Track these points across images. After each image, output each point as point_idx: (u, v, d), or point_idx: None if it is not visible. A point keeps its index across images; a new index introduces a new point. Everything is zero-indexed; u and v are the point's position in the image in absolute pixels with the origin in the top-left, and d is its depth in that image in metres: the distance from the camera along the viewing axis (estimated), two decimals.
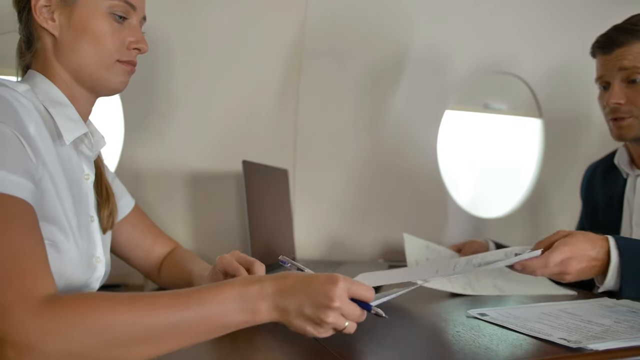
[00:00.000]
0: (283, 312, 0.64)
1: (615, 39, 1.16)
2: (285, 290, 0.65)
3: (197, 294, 0.62)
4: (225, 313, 0.62)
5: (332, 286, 0.64)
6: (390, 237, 1.73)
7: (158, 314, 0.59)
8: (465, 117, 1.92)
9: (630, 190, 1.24)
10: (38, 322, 0.54)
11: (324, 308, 0.64)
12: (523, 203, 1.95)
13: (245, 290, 0.64)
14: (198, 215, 1.48)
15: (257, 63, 1.53)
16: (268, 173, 1.42)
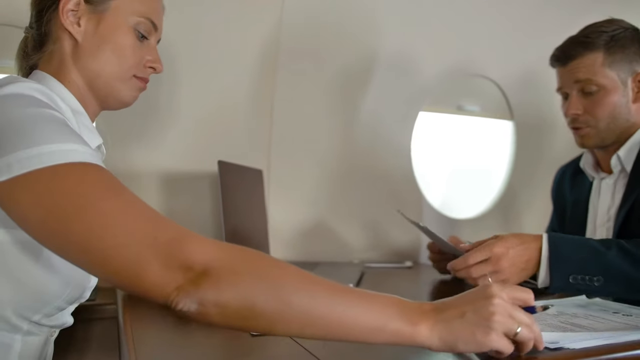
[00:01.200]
0: (445, 326, 0.59)
1: (569, 52, 1.19)
2: (441, 307, 0.61)
3: (358, 291, 0.62)
4: (386, 314, 0.59)
5: (489, 289, 0.62)
6: (365, 237, 1.74)
7: (325, 290, 0.59)
8: (439, 119, 1.94)
9: (595, 193, 1.27)
10: (223, 255, 0.57)
11: (486, 307, 0.59)
12: (494, 204, 1.98)
13: (404, 303, 0.61)
14: (172, 215, 1.44)
15: (233, 63, 1.51)
16: (243, 173, 1.41)
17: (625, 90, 1.17)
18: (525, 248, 0.95)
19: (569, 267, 0.91)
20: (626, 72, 1.16)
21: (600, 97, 1.16)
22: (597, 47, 1.15)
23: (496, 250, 0.94)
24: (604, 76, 1.15)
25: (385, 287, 1.28)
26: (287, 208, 1.66)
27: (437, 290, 1.25)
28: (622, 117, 1.17)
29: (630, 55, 1.16)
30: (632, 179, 1.16)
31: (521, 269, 0.95)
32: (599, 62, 1.15)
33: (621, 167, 1.19)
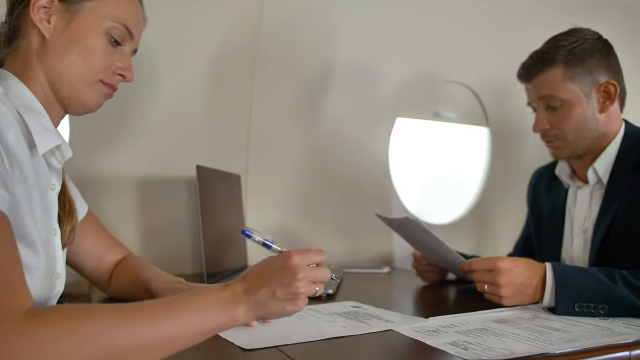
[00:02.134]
0: (259, 306, 0.68)
1: (530, 69, 1.21)
2: (253, 287, 0.68)
3: (178, 303, 0.63)
4: (208, 319, 0.64)
5: (290, 261, 0.70)
6: (341, 242, 1.74)
7: (146, 323, 0.58)
8: (417, 125, 1.95)
9: (571, 202, 1.28)
10: (26, 336, 0.51)
11: (293, 283, 0.69)
12: (470, 209, 2.00)
13: (220, 296, 0.66)
14: (148, 221, 1.43)
15: (210, 68, 1.50)
16: (221, 178, 1.39)
17: (590, 102, 1.17)
18: (530, 272, 0.97)
19: (574, 295, 0.93)
20: (588, 83, 1.17)
21: (565, 111, 1.18)
22: (557, 62, 1.16)
23: (499, 264, 0.97)
24: (566, 91, 1.16)
25: (366, 292, 1.29)
26: (264, 213, 1.65)
27: (417, 295, 1.25)
28: (589, 128, 1.18)
29: (590, 67, 1.16)
30: (608, 191, 1.17)
31: (519, 291, 0.97)
32: (559, 77, 1.16)
33: (597, 178, 1.20)
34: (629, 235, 1.09)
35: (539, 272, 0.97)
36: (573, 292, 0.92)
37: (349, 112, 1.72)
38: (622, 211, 1.11)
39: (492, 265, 0.98)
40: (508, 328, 0.83)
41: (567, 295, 0.93)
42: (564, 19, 1.51)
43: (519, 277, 0.97)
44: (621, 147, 1.18)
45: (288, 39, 1.59)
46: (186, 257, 1.48)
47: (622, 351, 0.72)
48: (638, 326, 0.84)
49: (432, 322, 0.89)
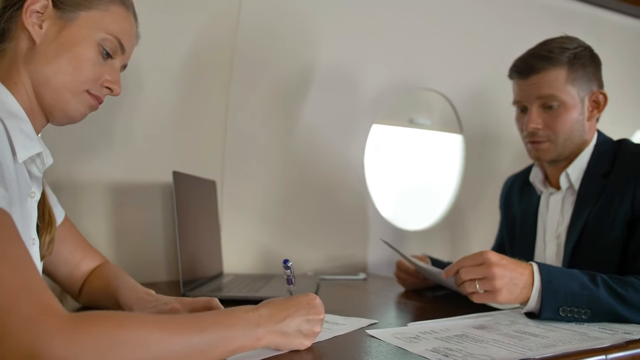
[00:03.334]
0: (282, 335, 0.71)
1: (532, 65, 1.18)
2: (279, 314, 0.71)
3: (211, 318, 0.66)
4: (234, 338, 0.66)
5: (316, 301, 0.76)
6: (318, 249, 1.74)
7: (181, 334, 0.60)
8: (392, 132, 1.97)
9: (544, 208, 1.30)
10: (72, 338, 0.52)
11: (316, 321, 0.75)
12: (444, 216, 2.02)
13: (247, 317, 0.68)
14: (122, 227, 1.40)
15: (187, 73, 1.48)
16: (197, 184, 1.38)
17: (582, 108, 1.19)
18: (518, 267, 0.94)
19: (559, 300, 0.91)
20: (585, 90, 1.19)
21: (560, 112, 1.18)
22: (561, 63, 1.16)
23: (489, 256, 0.93)
24: (566, 92, 1.17)
25: (344, 298, 1.29)
26: (240, 219, 1.63)
27: (395, 301, 1.25)
28: (577, 134, 1.20)
29: (589, 74, 1.19)
30: (580, 197, 1.19)
31: (512, 282, 0.92)
32: (562, 78, 1.16)
33: (569, 184, 1.22)
34: (600, 241, 1.12)
35: (526, 270, 0.94)
36: (559, 296, 0.91)
37: (326, 118, 1.72)
38: (593, 217, 1.14)
39: (481, 259, 0.94)
40: (487, 334, 0.84)
41: (553, 299, 0.92)
42: (536, 31, 1.55)
43: (509, 269, 0.93)
44: (593, 155, 1.21)
45: (265, 44, 1.59)
46: (161, 265, 1.45)
47: (599, 355, 0.73)
48: (613, 331, 0.85)
49: (412, 328, 0.89)
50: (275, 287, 1.24)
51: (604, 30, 2.11)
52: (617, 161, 1.16)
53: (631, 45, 2.23)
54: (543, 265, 0.95)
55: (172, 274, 1.46)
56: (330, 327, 0.89)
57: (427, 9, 1.81)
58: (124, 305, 0.90)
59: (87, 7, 0.83)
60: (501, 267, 0.93)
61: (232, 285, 1.28)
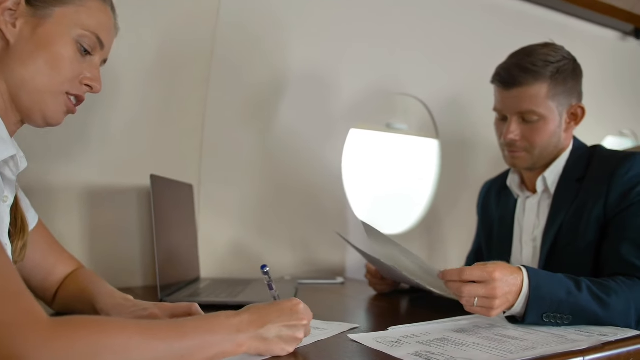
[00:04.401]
0: (263, 341, 0.70)
1: (515, 78, 1.18)
2: (260, 320, 0.70)
3: (192, 323, 0.65)
4: (215, 343, 0.65)
5: (299, 307, 0.75)
6: (296, 253, 1.73)
7: (162, 339, 0.59)
8: (369, 137, 1.98)
9: (520, 211, 1.33)
10: (54, 344, 0.51)
11: (298, 327, 0.73)
12: (420, 220, 2.03)
13: (229, 323, 0.67)
14: (97, 231, 1.37)
15: (165, 75, 1.47)
16: (174, 188, 1.36)
17: (560, 121, 1.21)
18: (513, 279, 0.91)
19: (545, 307, 0.91)
20: (564, 104, 1.20)
21: (539, 126, 1.19)
22: (544, 78, 1.16)
23: (496, 275, 0.88)
24: (545, 108, 1.18)
25: (322, 302, 1.28)
26: (217, 224, 1.61)
27: (373, 305, 1.25)
28: (553, 145, 1.22)
29: (569, 88, 1.20)
30: (555, 200, 1.22)
31: (508, 300, 0.91)
32: (543, 93, 1.17)
33: (545, 187, 1.25)
34: (575, 243, 1.15)
35: (519, 278, 0.91)
36: (544, 303, 0.91)
37: (305, 122, 1.72)
38: (568, 220, 1.17)
39: (489, 277, 0.88)
40: (468, 337, 0.84)
41: (538, 306, 0.91)
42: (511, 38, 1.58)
43: (507, 285, 0.90)
44: (569, 160, 1.24)
45: (243, 47, 1.58)
46: (137, 270, 1.43)
47: (577, 357, 0.74)
48: (589, 333, 0.87)
49: (393, 332, 0.89)
50: (254, 292, 1.23)
51: (576, 39, 2.16)
52: (590, 166, 1.19)
53: (601, 54, 2.29)
54: (532, 270, 0.94)
55: (148, 279, 1.44)
56: (312, 332, 0.88)
57: (405, 16, 1.82)
58: (101, 311, 0.88)
59: (61, 3, 0.80)
60: (502, 287, 0.89)
61: (210, 290, 1.26)
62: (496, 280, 0.88)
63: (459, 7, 1.90)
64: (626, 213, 1.09)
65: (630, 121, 2.64)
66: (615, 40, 2.33)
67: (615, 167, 1.13)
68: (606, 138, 2.55)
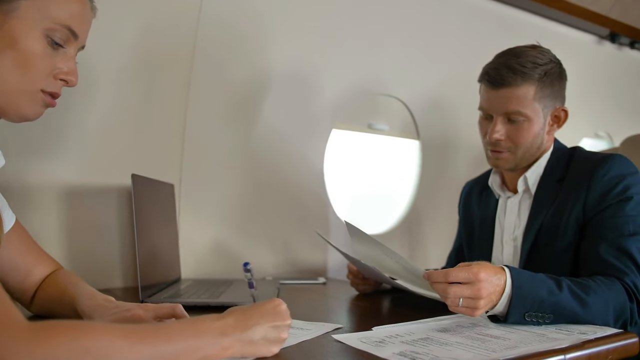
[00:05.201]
0: (249, 343, 0.69)
1: (504, 78, 1.18)
2: (245, 323, 0.69)
3: (177, 326, 0.64)
4: (201, 346, 0.64)
5: (281, 307, 0.74)
6: (278, 253, 1.72)
7: (147, 343, 0.58)
8: (351, 136, 1.98)
9: (501, 211, 1.34)
10: (35, 349, 0.50)
11: (283, 327, 0.73)
12: (401, 220, 2.05)
13: (214, 326, 0.66)
14: (75, 232, 1.35)
15: (146, 73, 1.45)
16: (155, 187, 1.34)
17: (544, 123, 1.22)
18: (497, 279, 0.91)
19: (527, 306, 0.92)
20: (549, 107, 1.22)
21: (524, 126, 1.20)
22: (532, 80, 1.17)
23: (482, 276, 0.89)
24: (532, 109, 1.19)
25: (304, 303, 1.28)
26: (198, 224, 1.60)
27: (356, 305, 1.25)
28: (536, 146, 1.23)
29: (555, 92, 1.22)
30: (536, 200, 1.23)
31: (492, 300, 0.91)
32: (530, 95, 1.18)
33: (526, 187, 1.27)
34: (555, 243, 1.17)
35: (502, 278, 0.92)
36: (527, 302, 0.92)
37: (287, 122, 1.72)
38: (548, 220, 1.18)
39: (474, 278, 0.88)
40: (451, 337, 0.85)
41: (521, 305, 0.92)
42: (490, 41, 1.60)
43: (492, 286, 0.90)
44: (549, 161, 1.26)
45: (225, 45, 1.57)
46: (116, 270, 1.41)
47: (558, 355, 0.76)
48: (569, 331, 0.88)
49: (377, 332, 0.89)
50: (236, 292, 1.22)
51: (554, 42, 2.19)
52: (570, 167, 1.21)
53: (578, 57, 2.33)
54: (514, 270, 0.94)
55: (128, 280, 1.42)
56: (295, 332, 0.88)
57: (387, 17, 1.83)
58: (83, 313, 0.86)
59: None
60: (487, 287, 0.89)
61: (191, 290, 1.25)
62: (481, 281, 0.89)
63: (441, 10, 1.91)
64: (604, 214, 1.11)
65: (606, 123, 2.70)
66: (592, 43, 2.37)
67: (594, 168, 1.15)
68: (582, 140, 2.60)
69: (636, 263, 1.06)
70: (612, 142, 2.75)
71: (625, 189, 1.12)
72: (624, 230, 1.09)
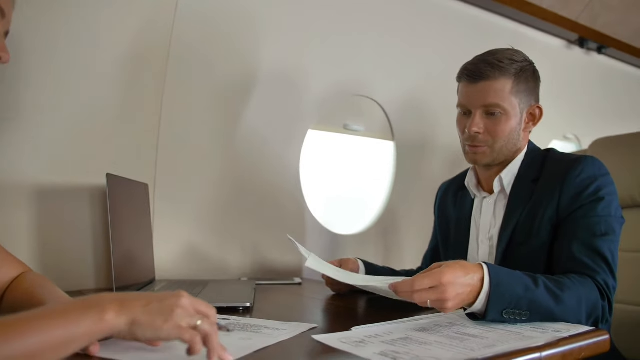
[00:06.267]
0: (130, 312, 0.61)
1: (483, 71, 1.22)
2: (124, 296, 0.63)
3: (39, 312, 0.57)
4: (71, 322, 0.57)
5: (177, 292, 0.66)
6: (253, 254, 1.71)
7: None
8: (327, 137, 1.98)
9: (477, 211, 1.36)
10: None
11: (170, 299, 0.64)
12: (376, 220, 2.06)
13: (86, 300, 0.61)
14: (46, 233, 1.32)
15: (121, 71, 1.42)
16: (130, 187, 1.32)
17: (521, 119, 1.26)
18: (470, 278, 0.92)
19: (505, 303, 0.93)
20: (525, 103, 1.25)
21: (502, 120, 1.23)
22: (509, 74, 1.22)
23: (445, 280, 0.90)
24: (509, 103, 1.22)
25: (280, 303, 1.28)
26: (173, 224, 1.58)
27: (329, 305, 1.26)
28: (513, 142, 1.26)
29: (530, 88, 1.26)
30: (511, 201, 1.26)
31: (463, 300, 0.92)
32: (508, 88, 1.22)
33: (501, 187, 1.29)
34: (529, 243, 1.19)
35: (476, 276, 0.93)
36: (504, 300, 0.93)
37: (262, 122, 1.71)
38: (523, 220, 1.21)
39: (437, 282, 0.90)
40: (430, 336, 0.86)
41: (499, 303, 0.93)
42: (464, 45, 1.62)
43: (462, 287, 0.91)
44: (524, 162, 1.29)
45: (201, 44, 1.55)
46: (89, 272, 1.38)
47: (535, 353, 0.77)
48: (544, 329, 0.90)
49: (357, 332, 0.89)
50: (213, 293, 1.21)
51: (526, 46, 2.24)
52: (545, 168, 1.24)
53: (548, 61, 2.38)
54: (492, 267, 0.96)
55: (100, 281, 1.39)
56: (272, 332, 0.88)
57: (364, 20, 1.84)
58: None
59: None
60: (454, 289, 0.90)
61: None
62: (445, 284, 0.89)
63: (418, 13, 1.93)
64: (577, 214, 1.15)
65: (574, 126, 2.76)
66: (562, 48, 2.42)
67: (567, 169, 1.18)
68: (552, 142, 2.66)
69: (607, 262, 1.09)
70: (580, 144, 2.82)
71: (597, 190, 1.15)
72: (596, 230, 1.12)
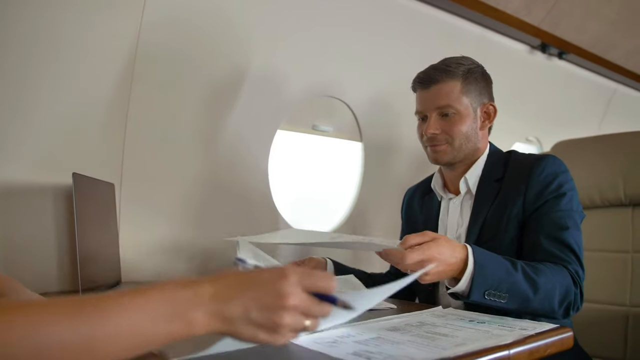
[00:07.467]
0: (226, 321, 0.53)
1: (432, 77, 1.33)
2: (225, 294, 0.54)
3: (110, 300, 0.49)
4: (148, 322, 0.49)
5: (282, 282, 0.55)
6: (223, 255, 1.70)
7: (54, 324, 0.46)
8: (296, 138, 1.98)
9: (444, 212, 1.41)
10: None
11: (276, 309, 0.54)
12: (345, 220, 2.07)
13: (175, 294, 0.52)
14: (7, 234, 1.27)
15: (86, 67, 1.38)
16: (96, 187, 1.29)
17: (475, 118, 1.34)
18: (454, 257, 1.00)
19: (487, 285, 1.00)
20: (477, 102, 1.34)
21: (456, 119, 1.31)
22: (457, 76, 1.31)
23: (429, 253, 0.97)
24: (460, 102, 1.31)
25: None
26: (140, 225, 1.55)
27: None
28: (472, 140, 1.34)
29: (480, 88, 1.34)
30: (477, 200, 1.32)
31: (441, 276, 1.00)
32: (457, 89, 1.31)
33: (467, 188, 1.35)
34: (497, 239, 1.24)
35: (460, 256, 1.01)
36: (487, 281, 1.00)
37: (232, 122, 1.69)
38: (489, 218, 1.27)
39: (425, 257, 0.97)
40: (401, 336, 0.87)
41: (483, 283, 1.00)
42: (431, 48, 1.65)
43: (444, 265, 0.99)
44: (487, 162, 1.35)
45: (170, 41, 1.52)
46: (52, 273, 1.34)
47: (503, 350, 0.80)
48: (511, 327, 0.93)
49: (329, 332, 0.90)
50: None
51: (490, 50, 2.29)
52: (508, 168, 1.31)
53: (511, 65, 2.44)
54: (476, 249, 1.03)
55: (65, 283, 1.35)
56: None
57: (333, 21, 1.84)
58: None
59: None
60: (437, 263, 0.98)
61: None
62: (429, 257, 0.97)
63: (386, 15, 1.95)
64: (543, 209, 1.22)
65: (536, 129, 2.84)
66: (524, 53, 2.49)
67: (531, 167, 1.26)
68: (514, 144, 2.72)
69: (575, 253, 1.17)
70: (541, 147, 2.90)
71: (559, 186, 1.23)
72: (562, 224, 1.19)
